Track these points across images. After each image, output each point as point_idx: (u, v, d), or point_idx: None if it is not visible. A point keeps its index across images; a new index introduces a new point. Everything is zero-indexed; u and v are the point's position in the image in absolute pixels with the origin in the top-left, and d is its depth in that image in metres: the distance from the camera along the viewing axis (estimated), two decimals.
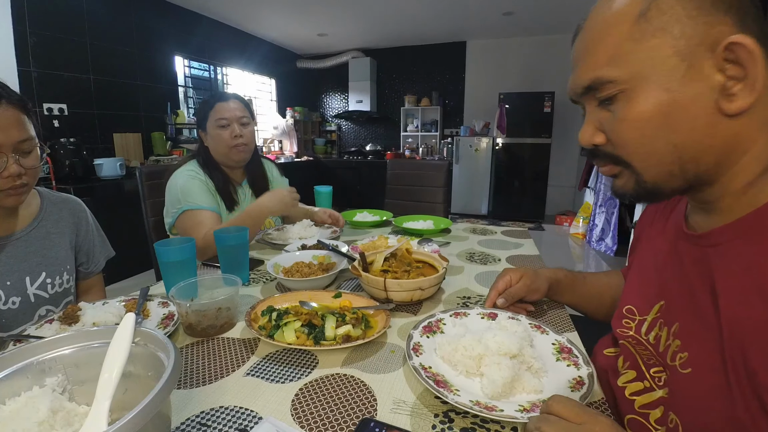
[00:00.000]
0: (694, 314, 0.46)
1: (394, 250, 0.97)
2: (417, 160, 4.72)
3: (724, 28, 0.38)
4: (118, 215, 2.76)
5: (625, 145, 0.45)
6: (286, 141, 5.63)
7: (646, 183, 0.45)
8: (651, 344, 0.52)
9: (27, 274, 0.88)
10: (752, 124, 0.40)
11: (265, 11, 4.29)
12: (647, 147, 0.44)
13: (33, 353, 0.49)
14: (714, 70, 0.39)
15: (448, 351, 0.62)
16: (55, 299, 0.93)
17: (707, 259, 0.45)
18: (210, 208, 1.27)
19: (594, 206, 4.07)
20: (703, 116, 0.40)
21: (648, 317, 0.55)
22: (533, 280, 0.78)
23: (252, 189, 1.48)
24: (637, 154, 0.45)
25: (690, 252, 0.49)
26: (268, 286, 0.97)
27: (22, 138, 0.77)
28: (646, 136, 0.43)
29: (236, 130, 1.33)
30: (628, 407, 0.52)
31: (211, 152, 1.38)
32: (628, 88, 0.43)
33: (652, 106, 0.42)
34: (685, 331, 0.47)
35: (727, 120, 0.40)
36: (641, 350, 0.54)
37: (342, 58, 5.92)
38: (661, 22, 0.40)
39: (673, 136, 0.42)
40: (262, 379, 0.59)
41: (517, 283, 0.78)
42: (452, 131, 5.81)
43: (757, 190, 0.42)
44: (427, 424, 0.50)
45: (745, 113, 0.39)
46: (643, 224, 0.67)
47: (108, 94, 3.32)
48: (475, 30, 5.13)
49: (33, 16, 2.77)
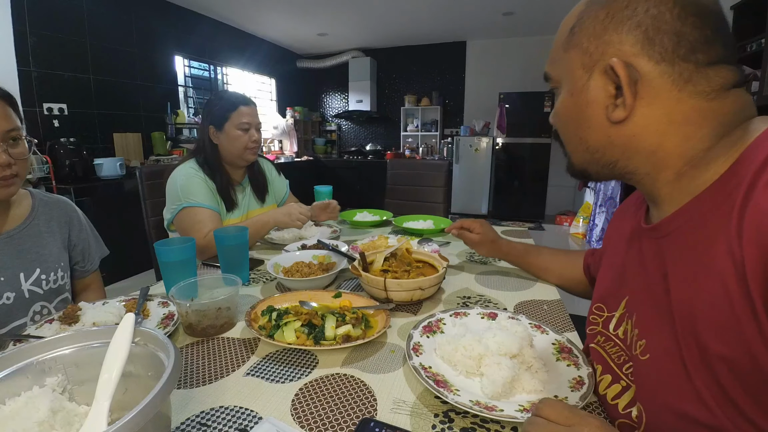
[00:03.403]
0: (650, 304, 0.49)
1: (394, 250, 0.97)
2: (417, 160, 4.71)
3: (621, 48, 0.44)
4: (118, 215, 2.77)
5: (558, 131, 0.55)
6: (286, 141, 5.63)
7: (574, 164, 0.54)
8: (620, 339, 0.55)
9: (21, 271, 0.88)
10: (648, 128, 0.45)
11: (266, 11, 4.29)
12: (566, 136, 0.54)
13: (33, 353, 0.49)
14: (609, 82, 0.46)
15: (448, 351, 0.62)
16: (49, 295, 0.94)
17: (661, 249, 0.48)
18: (209, 207, 1.27)
19: (594, 206, 4.07)
20: (596, 119, 0.48)
21: (616, 313, 0.57)
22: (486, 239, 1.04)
23: (252, 187, 1.49)
24: (563, 140, 0.55)
25: (647, 245, 0.52)
26: (268, 286, 0.96)
27: (9, 127, 0.80)
28: (564, 128, 0.53)
29: (255, 134, 1.38)
30: (614, 412, 0.52)
31: (221, 150, 1.38)
32: (557, 86, 0.53)
33: (563, 105, 0.52)
34: (642, 320, 0.50)
35: (617, 125, 0.46)
36: (609, 348, 0.57)
37: (342, 58, 5.92)
38: (579, 38, 0.48)
39: (578, 131, 0.51)
40: (262, 379, 0.59)
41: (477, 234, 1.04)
42: (452, 131, 5.81)
43: (690, 179, 0.45)
44: (427, 424, 0.50)
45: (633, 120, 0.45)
46: (616, 219, 0.69)
47: (108, 94, 3.32)
48: (475, 30, 5.12)
49: (33, 16, 2.77)
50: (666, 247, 0.47)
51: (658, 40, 0.42)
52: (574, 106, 0.50)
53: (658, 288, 0.47)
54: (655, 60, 0.42)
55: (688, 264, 0.43)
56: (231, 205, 1.38)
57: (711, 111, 0.43)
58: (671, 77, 0.42)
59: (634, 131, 0.46)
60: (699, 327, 0.40)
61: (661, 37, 0.42)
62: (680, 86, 0.42)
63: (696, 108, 0.43)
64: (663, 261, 0.47)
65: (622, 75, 0.43)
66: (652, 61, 0.43)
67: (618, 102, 0.45)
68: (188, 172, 1.30)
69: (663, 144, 0.45)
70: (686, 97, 0.43)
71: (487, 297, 0.89)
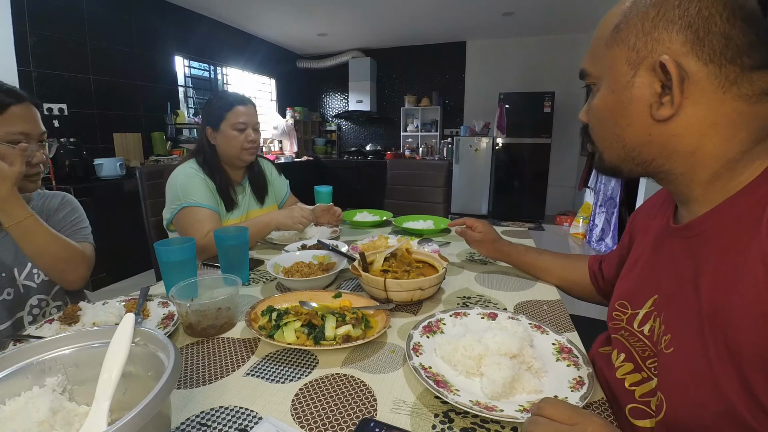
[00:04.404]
0: (679, 301, 0.49)
1: (394, 250, 0.97)
2: (417, 160, 4.71)
3: (671, 46, 0.44)
4: (118, 215, 2.77)
5: (591, 128, 0.55)
6: (286, 141, 5.63)
7: (606, 162, 0.54)
8: (646, 336, 0.55)
9: (15, 266, 0.92)
10: (690, 129, 0.45)
11: (266, 11, 4.29)
12: (601, 132, 0.54)
13: (33, 353, 0.49)
14: (655, 80, 0.46)
15: (448, 351, 0.62)
16: (44, 288, 0.96)
17: (692, 248, 0.49)
18: (209, 207, 1.27)
19: (594, 206, 4.07)
20: (639, 116, 0.48)
21: (641, 310, 0.57)
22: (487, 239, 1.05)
23: (252, 188, 1.49)
24: (596, 137, 0.55)
25: (678, 245, 0.52)
26: (268, 286, 0.96)
27: (42, 130, 0.91)
28: (601, 125, 0.53)
29: (251, 134, 1.36)
30: (629, 398, 0.54)
31: (218, 151, 1.38)
32: (596, 83, 0.53)
33: (603, 102, 0.51)
34: (670, 318, 0.51)
35: (660, 123, 0.47)
36: (634, 342, 0.57)
37: (342, 58, 5.92)
38: (625, 34, 0.48)
39: (616, 129, 0.51)
40: (262, 379, 0.59)
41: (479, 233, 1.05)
42: (452, 131, 5.81)
43: (725, 181, 0.46)
44: (427, 424, 0.50)
45: (677, 120, 0.45)
46: (641, 217, 0.69)
47: (108, 94, 3.32)
48: (475, 30, 5.12)
49: (33, 16, 2.77)
50: (698, 247, 0.48)
51: (708, 42, 0.42)
52: (616, 102, 0.49)
53: (688, 286, 0.48)
54: (704, 61, 0.43)
55: (720, 264, 0.44)
56: (231, 205, 1.38)
57: (752, 114, 0.43)
58: (717, 79, 0.43)
59: (676, 131, 0.46)
60: (730, 327, 0.40)
61: (710, 38, 0.42)
62: (725, 88, 0.43)
63: (738, 111, 0.43)
64: (694, 260, 0.48)
65: (674, 73, 0.43)
66: (700, 62, 0.43)
67: (664, 100, 0.45)
68: (188, 172, 1.30)
69: (703, 145, 0.46)
70: (729, 100, 0.43)
71: (487, 297, 0.89)
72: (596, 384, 0.57)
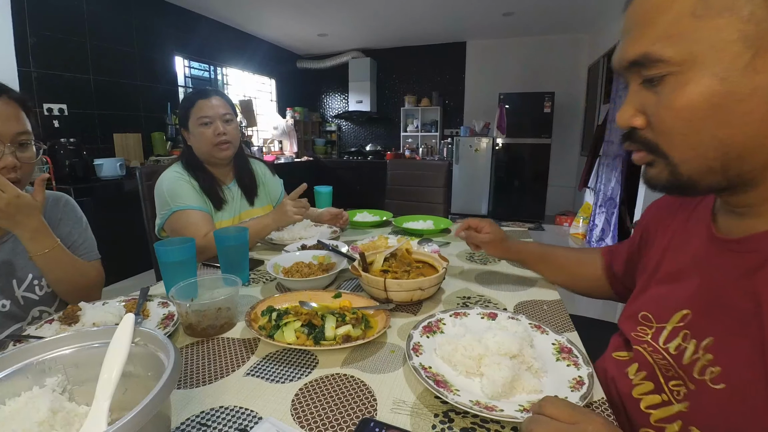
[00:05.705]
0: (730, 327, 0.43)
1: (394, 250, 0.97)
2: (417, 161, 4.71)
3: None
4: (118, 215, 2.76)
5: (668, 133, 0.41)
6: (286, 141, 5.63)
7: (682, 176, 0.42)
8: (671, 354, 0.49)
9: (14, 277, 0.87)
10: None
11: (266, 11, 4.29)
12: (691, 139, 0.40)
13: (33, 353, 0.49)
14: None
15: (448, 351, 0.62)
16: (46, 300, 0.92)
17: (747, 266, 0.42)
18: (199, 208, 1.26)
19: (594, 206, 4.07)
20: (760, 112, 0.36)
21: (668, 325, 0.51)
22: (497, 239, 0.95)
23: (241, 188, 1.45)
24: (678, 146, 0.41)
25: (724, 258, 0.45)
26: (268, 286, 0.96)
27: (20, 130, 0.80)
28: (692, 128, 0.39)
29: (219, 127, 1.29)
30: (643, 420, 0.50)
31: (194, 151, 1.35)
32: (679, 71, 0.38)
33: (704, 95, 0.37)
34: (719, 346, 0.43)
35: None
36: (658, 359, 0.51)
37: (342, 59, 5.92)
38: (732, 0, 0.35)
39: (721, 131, 0.38)
40: (262, 379, 0.59)
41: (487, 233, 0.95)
42: (452, 131, 5.81)
43: None
44: (427, 424, 0.50)
45: None
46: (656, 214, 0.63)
47: (108, 94, 3.32)
48: (475, 30, 5.12)
49: (33, 17, 2.77)
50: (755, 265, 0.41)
51: None
52: (727, 95, 0.36)
53: (745, 313, 0.41)
54: None
55: None
56: (218, 203, 1.35)
57: None
58: None
59: None
60: None
61: None
62: None
63: None
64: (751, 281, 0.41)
65: None
66: None
67: None
68: (173, 176, 1.29)
69: None
70: None
71: (487, 297, 0.89)
72: (596, 384, 0.57)
